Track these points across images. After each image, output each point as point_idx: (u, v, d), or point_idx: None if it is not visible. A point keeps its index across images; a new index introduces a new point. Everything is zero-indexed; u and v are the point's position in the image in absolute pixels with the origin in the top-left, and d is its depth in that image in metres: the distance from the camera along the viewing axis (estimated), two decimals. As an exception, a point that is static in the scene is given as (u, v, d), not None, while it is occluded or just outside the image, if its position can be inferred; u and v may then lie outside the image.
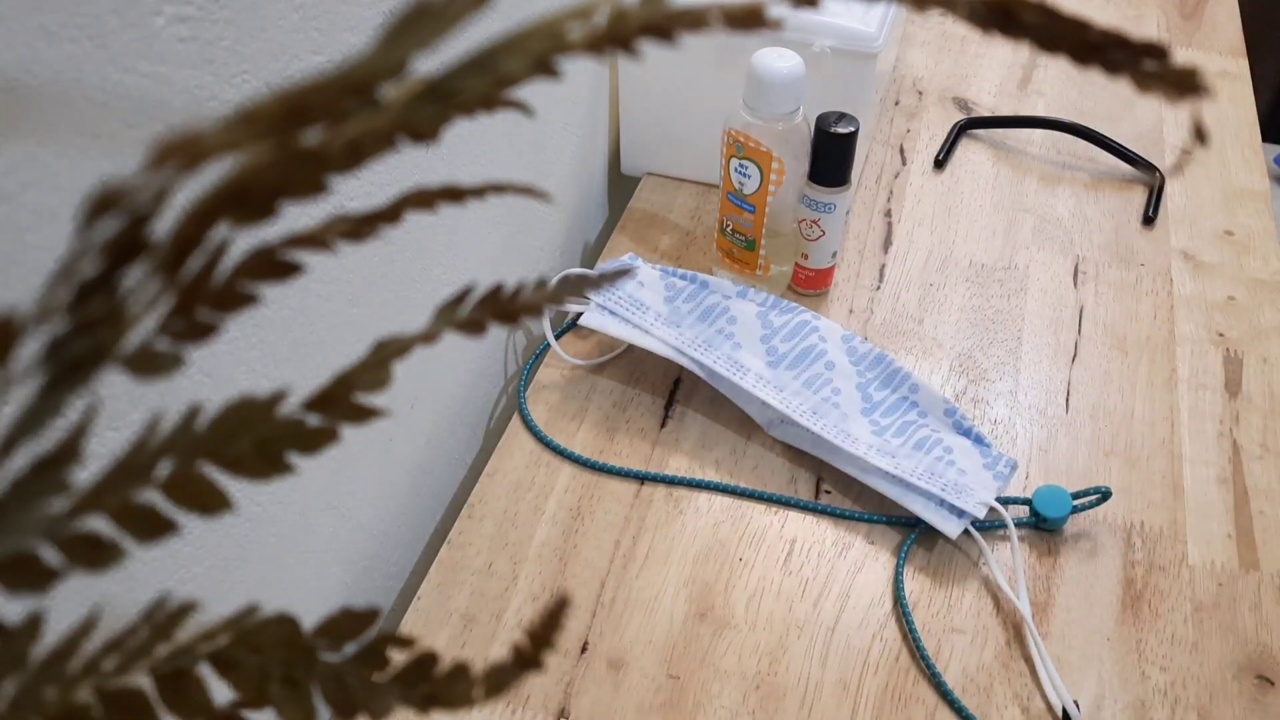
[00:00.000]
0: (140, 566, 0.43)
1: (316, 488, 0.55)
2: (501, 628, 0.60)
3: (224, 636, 0.20)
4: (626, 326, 0.70)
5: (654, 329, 0.70)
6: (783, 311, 0.72)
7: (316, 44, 0.46)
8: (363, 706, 0.20)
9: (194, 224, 0.17)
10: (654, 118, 0.87)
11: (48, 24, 0.33)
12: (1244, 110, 1.00)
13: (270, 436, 0.20)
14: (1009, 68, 1.04)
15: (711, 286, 0.73)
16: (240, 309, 0.19)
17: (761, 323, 0.71)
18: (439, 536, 0.72)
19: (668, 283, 0.73)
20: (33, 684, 0.19)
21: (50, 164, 0.34)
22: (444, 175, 0.61)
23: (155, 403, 0.40)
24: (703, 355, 0.69)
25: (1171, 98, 0.17)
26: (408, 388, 0.63)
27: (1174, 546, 0.64)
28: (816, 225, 0.74)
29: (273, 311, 0.48)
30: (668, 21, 0.17)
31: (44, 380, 0.17)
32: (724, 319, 0.71)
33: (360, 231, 0.20)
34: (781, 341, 0.70)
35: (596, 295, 0.71)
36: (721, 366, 0.68)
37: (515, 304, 0.22)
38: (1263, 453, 0.69)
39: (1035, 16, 0.17)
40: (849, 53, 0.75)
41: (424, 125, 0.17)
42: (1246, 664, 0.58)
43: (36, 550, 0.18)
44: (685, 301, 0.72)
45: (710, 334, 0.70)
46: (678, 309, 0.72)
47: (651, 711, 0.56)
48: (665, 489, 0.66)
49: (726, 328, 0.71)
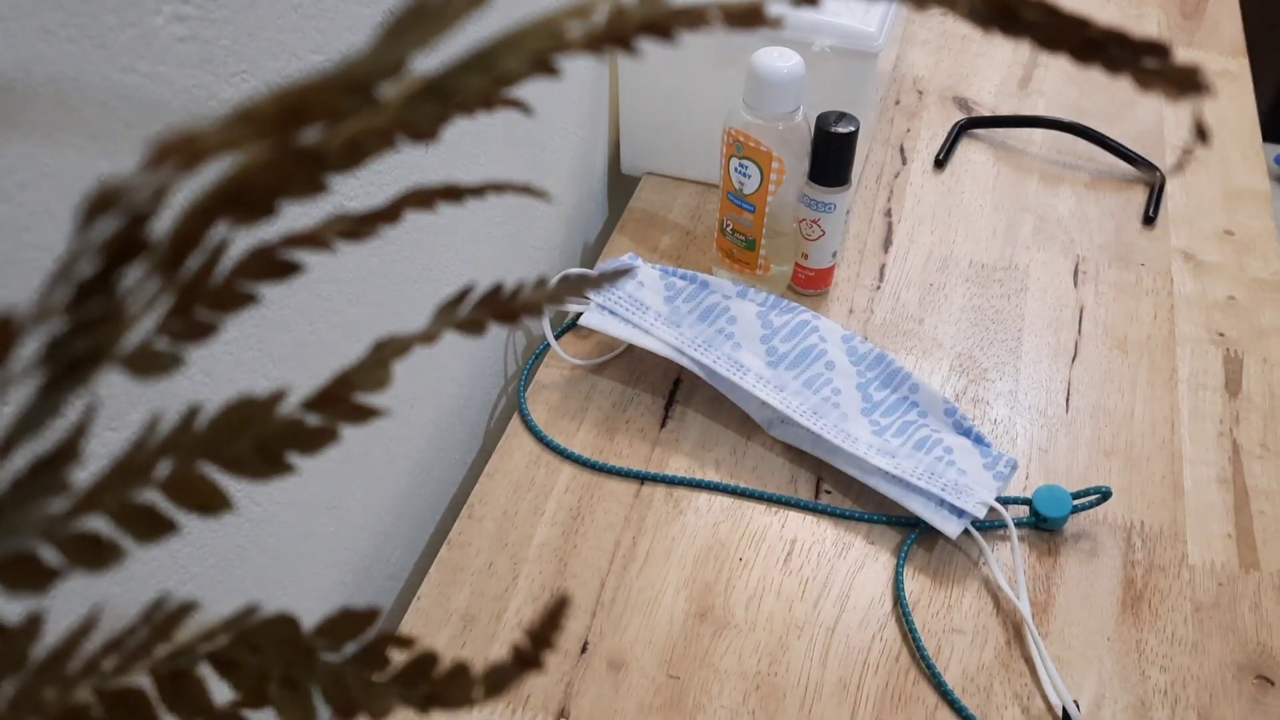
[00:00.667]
0: (140, 566, 0.43)
1: (316, 488, 0.55)
2: (501, 628, 0.60)
3: (224, 636, 0.20)
4: (626, 326, 0.70)
5: (654, 329, 0.70)
6: (783, 311, 0.72)
7: (315, 43, 0.46)
8: (363, 706, 0.20)
9: (193, 223, 0.17)
10: (654, 118, 0.87)
11: (47, 24, 0.33)
12: (1244, 110, 1.00)
13: (270, 436, 0.20)
14: (1009, 67, 1.04)
15: (712, 286, 0.73)
16: (239, 309, 0.19)
17: (761, 322, 0.71)
18: (439, 536, 0.72)
19: (667, 282, 0.73)
20: (33, 684, 0.19)
21: (49, 164, 0.34)
22: (443, 175, 0.61)
23: (155, 403, 0.40)
24: (703, 355, 0.69)
25: (1172, 96, 0.17)
26: (408, 388, 0.63)
27: (1174, 546, 0.64)
28: (816, 225, 0.74)
29: (272, 311, 0.48)
30: (667, 20, 0.17)
31: (43, 380, 0.17)
32: (724, 319, 0.71)
33: (359, 231, 0.20)
34: (781, 341, 0.70)
35: (596, 295, 0.71)
36: (721, 366, 0.68)
37: (515, 304, 0.22)
38: (1263, 453, 0.69)
39: (1036, 14, 0.17)
40: (849, 52, 0.74)
41: (423, 124, 0.17)
42: (1247, 664, 0.58)
43: (36, 550, 0.18)
44: (685, 301, 0.72)
45: (710, 334, 0.70)
46: (678, 309, 0.72)
47: (651, 711, 0.56)
48: (665, 489, 0.66)
49: (726, 327, 0.71)
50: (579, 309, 0.73)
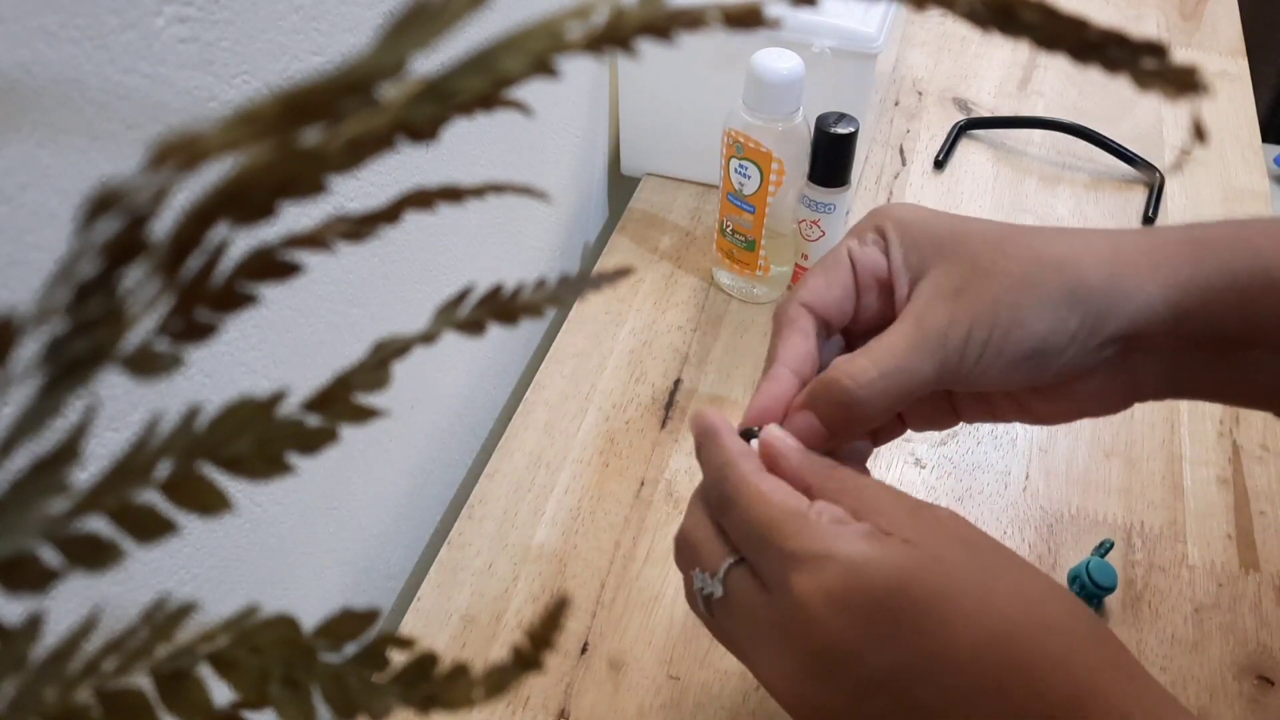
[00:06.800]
0: (140, 567, 0.43)
1: (316, 488, 0.55)
2: (501, 628, 0.59)
3: (224, 637, 0.20)
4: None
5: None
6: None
7: (316, 44, 0.46)
8: (363, 707, 0.20)
9: (193, 224, 0.17)
10: (654, 118, 0.87)
11: (48, 24, 0.33)
12: (1244, 110, 1.00)
13: (270, 437, 0.20)
14: (1009, 68, 1.04)
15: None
16: (240, 309, 0.19)
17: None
18: (439, 537, 0.72)
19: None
20: (32, 685, 0.19)
21: (49, 165, 0.34)
22: (443, 175, 0.61)
23: (155, 403, 0.40)
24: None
25: (1171, 96, 0.17)
26: (408, 388, 0.63)
27: (1174, 547, 0.64)
28: (816, 226, 0.74)
29: (273, 312, 0.48)
30: (666, 21, 0.17)
31: (44, 380, 0.17)
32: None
33: (360, 232, 0.20)
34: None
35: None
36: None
37: (515, 304, 0.22)
38: (1263, 453, 0.69)
39: (1035, 15, 0.17)
40: (849, 53, 0.74)
41: (423, 125, 0.17)
42: (1247, 664, 0.58)
43: (36, 550, 0.18)
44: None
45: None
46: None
47: (651, 712, 0.56)
48: (665, 489, 0.66)
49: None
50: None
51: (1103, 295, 0.39)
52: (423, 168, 0.58)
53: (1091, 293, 0.39)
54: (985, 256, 0.40)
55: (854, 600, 0.34)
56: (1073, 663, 0.33)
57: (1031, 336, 0.39)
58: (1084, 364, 0.41)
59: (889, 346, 0.39)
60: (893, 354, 0.39)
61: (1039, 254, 0.39)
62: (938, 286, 0.40)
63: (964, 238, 0.41)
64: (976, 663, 0.33)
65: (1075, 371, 0.41)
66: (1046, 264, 0.39)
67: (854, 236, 0.43)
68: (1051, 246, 0.40)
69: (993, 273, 0.39)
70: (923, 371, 0.39)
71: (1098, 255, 0.39)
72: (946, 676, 0.33)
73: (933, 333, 0.39)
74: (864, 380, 0.39)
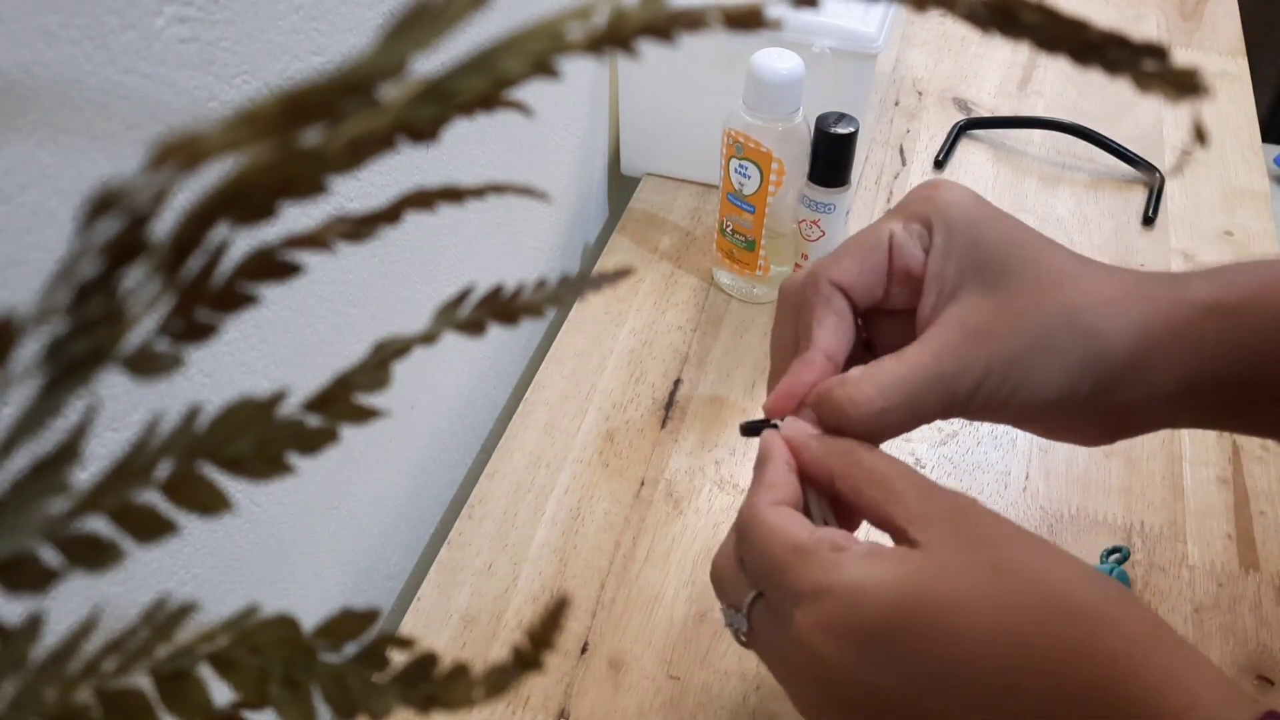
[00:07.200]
0: (140, 567, 0.43)
1: (316, 488, 0.55)
2: (501, 628, 0.59)
3: (224, 637, 0.20)
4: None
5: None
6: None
7: (316, 45, 0.46)
8: (363, 707, 0.20)
9: (194, 225, 0.17)
10: (654, 118, 0.87)
11: (48, 24, 0.33)
12: (1244, 110, 1.00)
13: (270, 437, 0.20)
14: (1009, 68, 1.04)
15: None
16: (240, 310, 0.19)
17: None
18: (439, 537, 0.72)
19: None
20: (33, 685, 0.19)
21: (50, 165, 0.34)
22: (444, 176, 0.61)
23: (155, 403, 0.40)
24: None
25: (1171, 98, 0.17)
26: (408, 388, 0.63)
27: (1174, 547, 0.64)
28: (816, 226, 0.74)
29: (273, 312, 0.48)
30: (667, 22, 0.17)
31: (44, 381, 0.17)
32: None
33: (360, 232, 0.20)
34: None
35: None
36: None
37: (515, 304, 0.22)
38: (1263, 453, 0.69)
39: (1035, 16, 0.17)
40: (849, 53, 0.75)
41: (423, 125, 0.17)
42: (1247, 664, 0.58)
43: (36, 550, 0.18)
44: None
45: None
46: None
47: (651, 712, 0.56)
48: (665, 489, 0.66)
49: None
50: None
51: (1119, 375, 0.40)
52: (423, 168, 0.58)
53: (1110, 369, 0.40)
54: (1019, 299, 0.40)
55: (850, 630, 0.34)
56: (1096, 648, 0.33)
57: (1039, 397, 0.40)
58: (1082, 416, 0.42)
59: (900, 380, 0.39)
60: (902, 388, 0.39)
61: (1071, 314, 0.40)
62: (964, 324, 0.40)
63: (1004, 265, 0.41)
64: (987, 665, 0.33)
65: (1071, 422, 0.43)
66: (1075, 329, 0.39)
67: (899, 219, 0.42)
68: (1084, 311, 0.40)
69: (1021, 326, 0.39)
70: (928, 410, 0.40)
71: (1125, 330, 0.40)
72: (957, 683, 0.33)
73: (947, 375, 0.39)
74: (870, 411, 0.39)
